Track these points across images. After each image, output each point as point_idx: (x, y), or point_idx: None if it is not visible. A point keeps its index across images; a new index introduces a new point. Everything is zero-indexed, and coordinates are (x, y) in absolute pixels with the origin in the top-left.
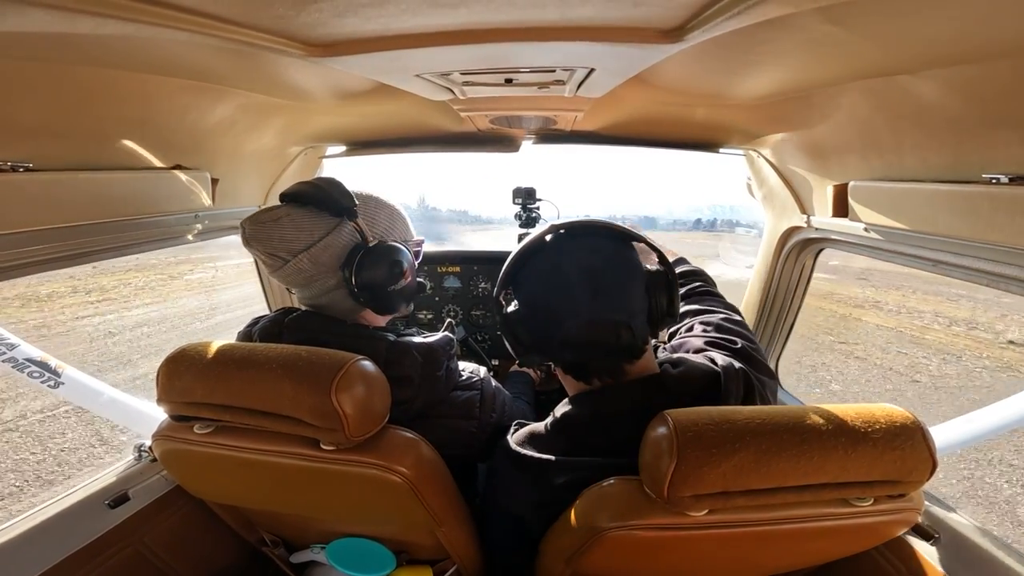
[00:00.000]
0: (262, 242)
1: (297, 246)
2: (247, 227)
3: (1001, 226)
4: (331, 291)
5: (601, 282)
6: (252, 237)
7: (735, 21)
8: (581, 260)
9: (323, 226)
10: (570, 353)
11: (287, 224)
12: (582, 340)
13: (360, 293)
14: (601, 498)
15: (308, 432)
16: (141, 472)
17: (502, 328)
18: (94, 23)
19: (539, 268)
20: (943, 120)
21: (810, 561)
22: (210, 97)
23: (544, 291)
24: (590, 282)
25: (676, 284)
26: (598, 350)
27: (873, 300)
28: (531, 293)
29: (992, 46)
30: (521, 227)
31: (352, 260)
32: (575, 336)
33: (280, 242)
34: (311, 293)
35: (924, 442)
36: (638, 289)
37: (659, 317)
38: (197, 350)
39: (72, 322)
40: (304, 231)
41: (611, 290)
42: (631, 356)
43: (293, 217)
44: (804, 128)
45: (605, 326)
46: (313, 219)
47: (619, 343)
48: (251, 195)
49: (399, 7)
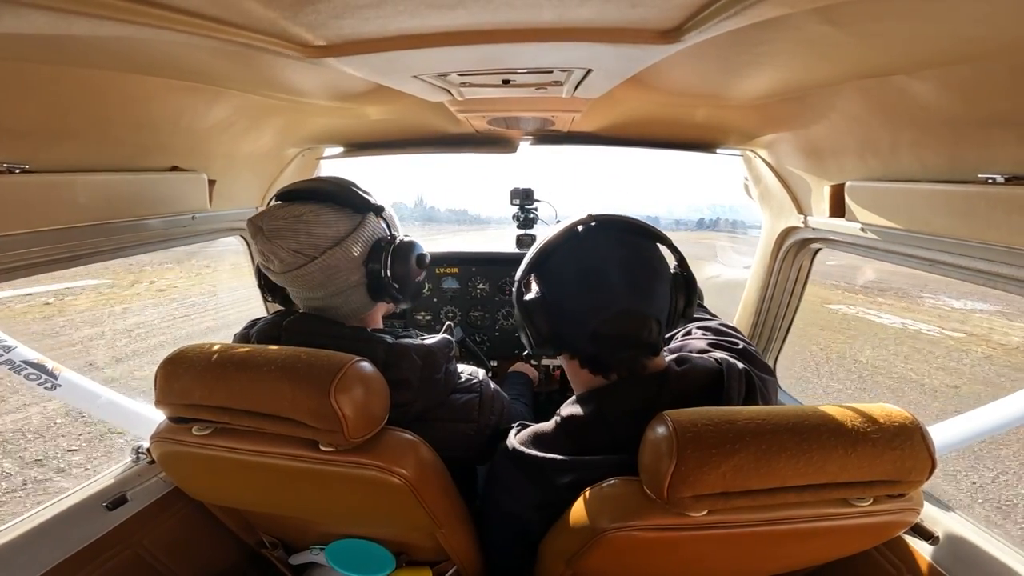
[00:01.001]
0: (286, 238)
1: (325, 242)
2: (265, 224)
3: (997, 225)
4: (349, 289)
5: (635, 276)
6: (274, 233)
7: (732, 22)
8: (616, 252)
9: (349, 222)
10: (595, 344)
11: (312, 220)
12: (612, 332)
13: (386, 287)
14: (601, 499)
15: (307, 434)
16: (139, 474)
17: (522, 316)
18: (91, 25)
19: (572, 256)
20: (939, 120)
21: (810, 561)
22: (207, 98)
23: (577, 280)
24: (625, 274)
25: (695, 287)
26: (624, 343)
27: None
28: (561, 281)
29: (988, 46)
30: (519, 228)
31: (378, 255)
32: (606, 327)
33: (307, 238)
34: (326, 292)
35: (923, 442)
36: (665, 287)
37: (675, 317)
38: (196, 352)
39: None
40: (331, 227)
41: (644, 285)
42: (652, 352)
43: (317, 213)
44: (801, 128)
45: (636, 320)
46: (339, 215)
47: (647, 338)
48: (248, 197)
49: (396, 8)
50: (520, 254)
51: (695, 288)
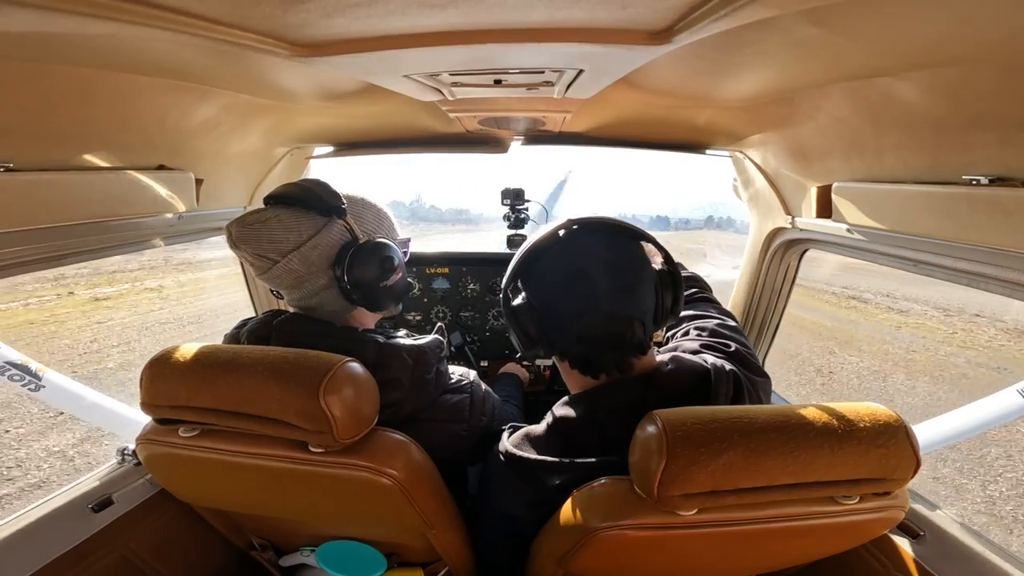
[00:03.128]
0: (250, 243)
1: (286, 246)
2: (234, 230)
3: (980, 226)
4: (321, 291)
5: (618, 278)
6: (240, 239)
7: (722, 23)
8: (598, 255)
9: (311, 225)
10: (583, 347)
11: (275, 225)
12: (597, 334)
13: (352, 291)
14: (592, 498)
15: (296, 435)
16: (125, 476)
17: (509, 321)
18: (76, 22)
19: (556, 261)
20: (924, 122)
21: (798, 559)
22: (194, 97)
23: (561, 284)
24: (607, 277)
25: (681, 284)
26: (611, 344)
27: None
28: (546, 286)
29: (972, 48)
30: (510, 228)
31: (343, 258)
32: (591, 330)
33: (269, 243)
34: (301, 294)
35: (907, 440)
36: (649, 287)
37: (663, 315)
38: (182, 352)
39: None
40: (292, 231)
41: (627, 286)
42: (640, 351)
43: (281, 218)
44: (789, 129)
45: (621, 321)
46: (301, 219)
47: (632, 339)
48: (236, 196)
49: (387, 7)
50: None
51: (681, 285)
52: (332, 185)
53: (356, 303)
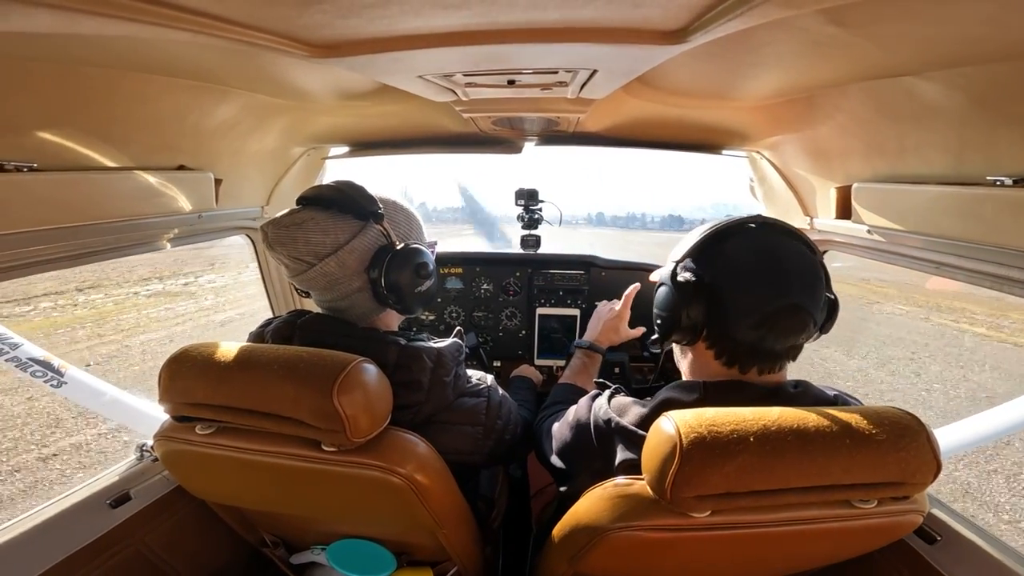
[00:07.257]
0: (286, 246)
1: (323, 250)
2: (270, 231)
3: (1005, 228)
4: (354, 294)
5: (806, 276)
6: (276, 241)
7: (737, 22)
8: (791, 248)
9: (348, 229)
10: (762, 331)
11: (311, 227)
12: (779, 321)
13: (388, 295)
14: (604, 498)
15: (309, 433)
16: (143, 472)
17: (673, 298)
18: (98, 24)
19: (750, 243)
20: (946, 122)
21: (813, 563)
22: (213, 97)
23: (754, 265)
24: (799, 271)
25: (837, 309)
26: (783, 336)
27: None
28: (735, 266)
29: (996, 47)
30: (523, 228)
31: (380, 262)
32: (774, 317)
33: (305, 246)
34: (333, 296)
35: (928, 444)
36: (823, 293)
37: (818, 327)
38: (199, 351)
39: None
40: (329, 234)
41: (812, 286)
42: (793, 357)
43: (317, 220)
44: (807, 129)
45: (804, 315)
46: (337, 222)
47: (804, 337)
48: (254, 196)
49: (402, 8)
50: (524, 255)
51: (837, 310)
52: (366, 188)
53: (390, 306)
